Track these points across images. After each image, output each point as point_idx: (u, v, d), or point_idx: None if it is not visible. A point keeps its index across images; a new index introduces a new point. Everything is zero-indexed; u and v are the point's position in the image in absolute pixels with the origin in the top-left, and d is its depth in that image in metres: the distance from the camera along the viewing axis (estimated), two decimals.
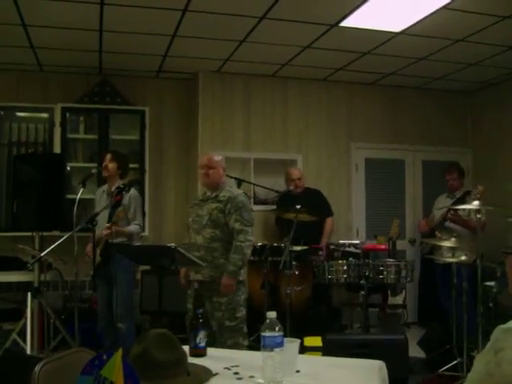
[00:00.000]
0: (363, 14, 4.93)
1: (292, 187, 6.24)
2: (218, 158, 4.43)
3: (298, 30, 5.38)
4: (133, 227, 5.04)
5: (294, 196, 6.16)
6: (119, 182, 5.08)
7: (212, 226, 4.20)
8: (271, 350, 2.06)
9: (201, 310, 2.59)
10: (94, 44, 5.75)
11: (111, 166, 5.11)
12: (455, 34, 5.47)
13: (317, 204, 6.19)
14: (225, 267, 4.13)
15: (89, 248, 4.93)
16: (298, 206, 5.28)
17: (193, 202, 4.57)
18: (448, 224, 5.63)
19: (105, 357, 1.37)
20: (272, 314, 2.13)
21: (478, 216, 4.42)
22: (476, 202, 4.45)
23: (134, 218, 5.07)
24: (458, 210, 5.42)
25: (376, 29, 5.32)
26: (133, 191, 5.11)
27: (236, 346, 4.00)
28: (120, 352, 1.34)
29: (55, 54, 6.03)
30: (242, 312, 4.15)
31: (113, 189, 5.04)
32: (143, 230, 5.28)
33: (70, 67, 6.50)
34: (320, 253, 5.97)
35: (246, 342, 4.14)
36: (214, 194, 4.31)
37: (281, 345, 2.08)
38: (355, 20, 5.07)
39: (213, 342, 3.99)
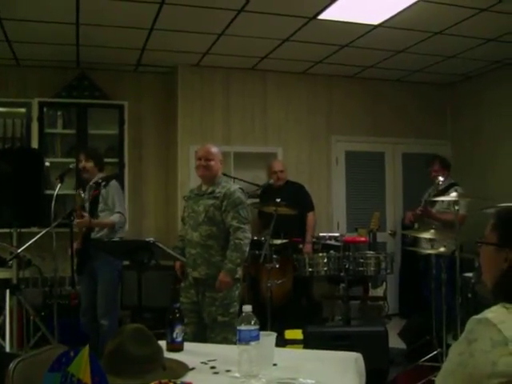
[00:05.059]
0: (341, 6, 4.94)
1: (273, 180, 6.23)
2: (215, 149, 4.27)
3: (277, 23, 5.37)
4: (114, 217, 4.99)
5: (275, 189, 6.15)
6: (99, 176, 5.06)
7: (208, 224, 4.09)
8: (247, 343, 2.06)
9: (177, 305, 2.58)
10: (71, 37, 5.68)
11: (89, 165, 5.09)
12: (433, 27, 5.49)
13: (298, 198, 6.19)
14: (220, 265, 4.04)
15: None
16: (278, 200, 5.28)
17: (188, 195, 4.43)
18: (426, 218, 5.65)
19: (72, 353, 1.35)
20: (247, 308, 2.13)
21: (456, 208, 4.44)
22: (453, 194, 4.49)
23: (113, 206, 5.00)
24: (435, 203, 5.45)
25: (354, 21, 5.32)
26: (112, 181, 5.09)
27: (225, 341, 3.94)
28: (87, 349, 1.33)
29: (32, 47, 5.96)
30: (235, 308, 4.07)
31: (91, 183, 5.03)
32: (125, 218, 5.18)
33: (47, 61, 6.43)
34: (300, 246, 5.98)
35: (235, 338, 4.09)
36: (210, 189, 4.18)
37: (256, 338, 2.08)
38: (333, 13, 5.07)
39: (204, 338, 4.00)
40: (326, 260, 5.52)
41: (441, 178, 5.26)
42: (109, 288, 4.97)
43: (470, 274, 4.85)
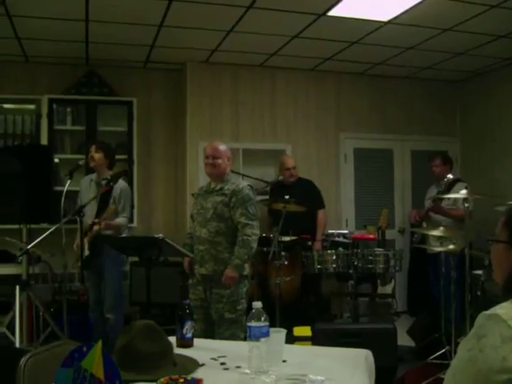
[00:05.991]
0: (351, 3, 4.92)
1: (286, 176, 6.22)
2: (223, 147, 4.27)
3: (286, 20, 5.35)
4: (121, 220, 5.03)
5: (286, 186, 6.15)
6: (108, 173, 5.07)
7: (217, 220, 4.10)
8: (257, 339, 2.06)
9: (187, 301, 2.59)
10: (81, 34, 5.69)
11: (97, 156, 5.10)
12: (443, 24, 5.47)
13: (309, 195, 6.19)
14: (228, 261, 4.05)
15: (76, 244, 4.96)
16: (287, 197, 5.28)
17: (197, 193, 4.45)
18: (432, 215, 5.63)
19: (85, 349, 1.36)
20: (258, 305, 2.13)
21: (466, 205, 4.43)
22: (463, 191, 4.46)
23: (122, 210, 5.07)
24: (443, 199, 5.43)
25: (364, 18, 5.30)
26: (123, 183, 5.10)
27: (233, 337, 3.96)
28: (100, 344, 1.33)
29: (41, 44, 5.97)
30: (242, 305, 4.09)
31: (102, 181, 5.04)
32: (131, 222, 5.25)
33: (57, 58, 6.44)
34: (309, 243, 5.98)
35: (243, 335, 4.09)
36: (218, 187, 4.19)
37: (267, 335, 2.09)
38: (343, 9, 5.05)
39: (212, 334, 4.02)
40: (334, 257, 5.51)
41: (450, 176, 5.23)
42: (114, 284, 5.02)
43: (479, 272, 4.83)
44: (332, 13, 5.14)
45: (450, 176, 5.22)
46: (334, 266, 5.51)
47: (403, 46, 6.19)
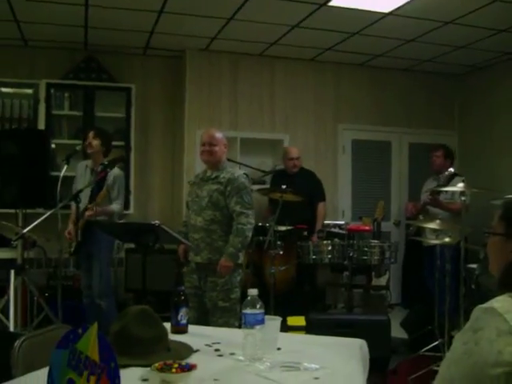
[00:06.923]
0: None
1: (290, 166, 6.20)
2: (219, 134, 4.26)
3: (287, 9, 5.33)
4: (115, 206, 5.02)
5: (289, 175, 6.14)
6: (103, 160, 5.06)
7: (212, 208, 4.09)
8: (252, 327, 2.07)
9: (182, 288, 2.59)
10: (80, 19, 5.65)
11: (95, 142, 5.08)
12: (444, 16, 5.45)
13: (311, 186, 6.17)
14: (223, 250, 4.04)
15: (68, 231, 4.96)
16: (284, 186, 5.27)
17: (192, 181, 4.44)
18: (430, 208, 5.63)
19: (80, 331, 1.36)
20: (253, 292, 2.13)
21: (463, 199, 4.43)
22: (461, 184, 4.46)
23: (116, 197, 5.06)
24: (441, 192, 5.42)
25: (365, 9, 5.28)
26: (118, 170, 5.09)
27: (226, 325, 3.94)
28: (95, 326, 1.33)
29: (40, 28, 5.93)
30: (236, 293, 4.09)
31: (98, 168, 5.02)
32: (127, 208, 5.23)
33: (56, 42, 6.40)
34: (305, 233, 5.97)
35: (237, 323, 4.11)
36: (214, 175, 4.17)
37: (262, 322, 2.09)
38: None
39: (206, 322, 4.02)
40: (330, 248, 5.50)
41: (451, 169, 5.21)
42: (103, 269, 5.02)
43: (474, 266, 4.84)
44: (333, 3, 5.12)
45: (451, 169, 5.20)
46: (330, 256, 5.50)
47: (404, 38, 6.17)
